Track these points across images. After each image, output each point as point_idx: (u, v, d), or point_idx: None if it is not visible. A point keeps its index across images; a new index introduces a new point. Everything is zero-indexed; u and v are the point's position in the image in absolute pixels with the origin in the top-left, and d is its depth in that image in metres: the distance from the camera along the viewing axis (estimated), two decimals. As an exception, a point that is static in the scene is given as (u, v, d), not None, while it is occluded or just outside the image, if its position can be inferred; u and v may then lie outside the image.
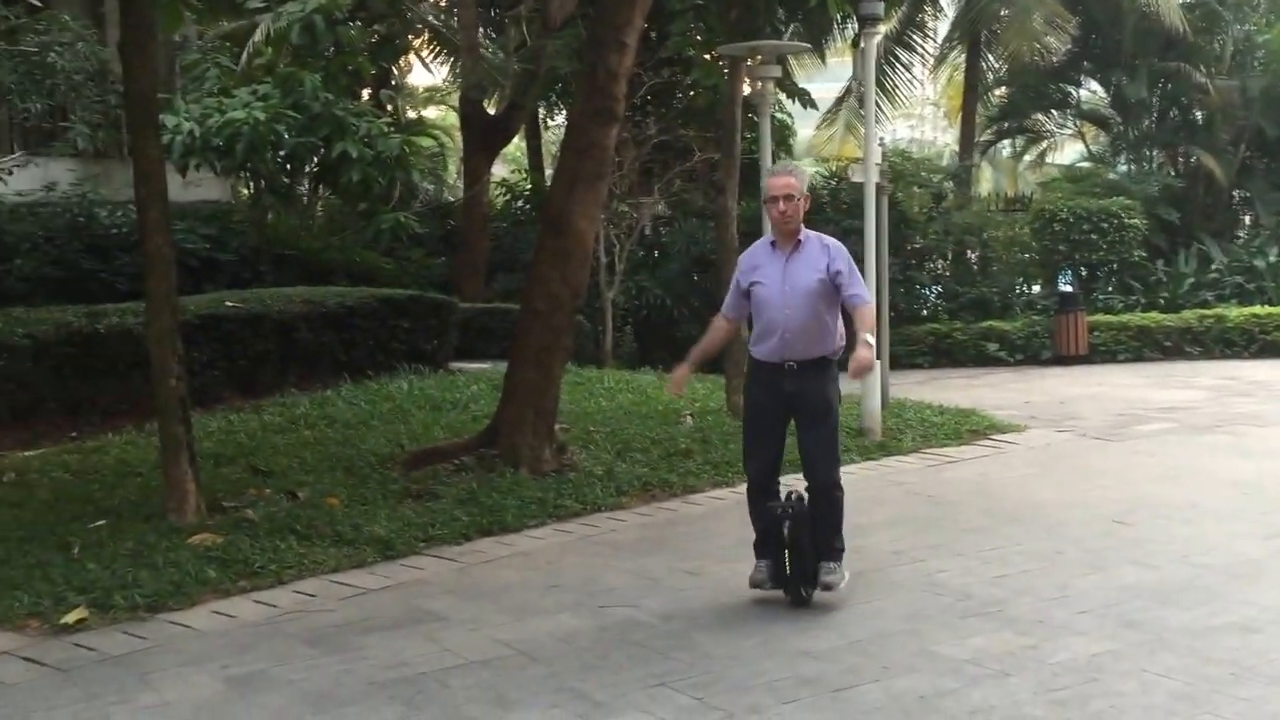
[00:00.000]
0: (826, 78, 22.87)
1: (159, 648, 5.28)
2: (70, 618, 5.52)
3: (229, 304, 11.42)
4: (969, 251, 19.93)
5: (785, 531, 5.59)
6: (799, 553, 5.61)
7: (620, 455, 8.86)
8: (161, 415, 7.38)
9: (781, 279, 5.61)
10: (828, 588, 5.66)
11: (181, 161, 12.95)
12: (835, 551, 5.74)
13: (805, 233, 5.69)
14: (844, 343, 5.72)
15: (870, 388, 9.92)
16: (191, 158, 13.22)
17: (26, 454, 9.12)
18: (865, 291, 5.72)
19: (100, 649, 5.25)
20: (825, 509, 5.69)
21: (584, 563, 6.61)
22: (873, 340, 5.50)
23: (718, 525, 7.31)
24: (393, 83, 21.14)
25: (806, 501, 5.70)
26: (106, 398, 10.22)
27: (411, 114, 23.81)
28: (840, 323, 5.73)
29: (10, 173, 11.80)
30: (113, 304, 11.01)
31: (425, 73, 26.30)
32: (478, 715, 4.48)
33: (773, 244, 5.75)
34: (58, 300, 11.33)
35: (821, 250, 5.64)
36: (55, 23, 11.98)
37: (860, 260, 10.03)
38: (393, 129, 14.65)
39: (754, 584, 5.72)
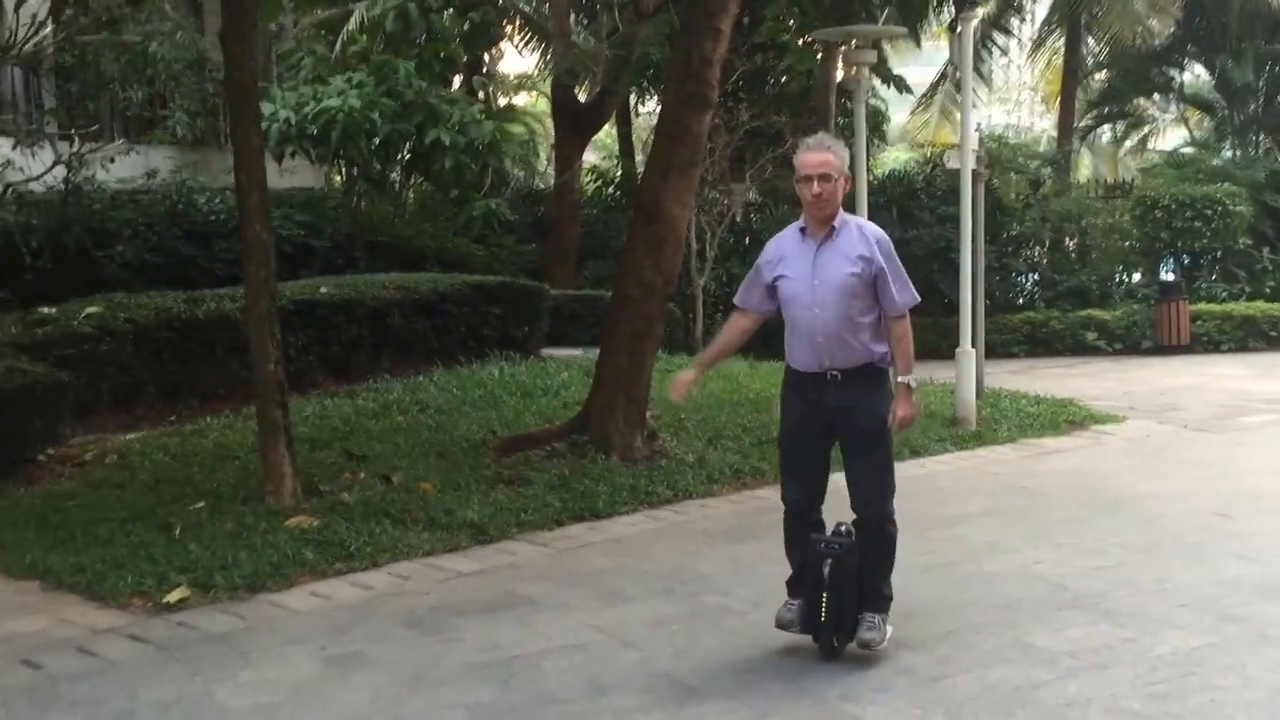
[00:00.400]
0: (921, 62, 22.57)
1: (258, 627, 5.39)
2: (172, 596, 5.65)
3: (323, 290, 11.58)
4: (1067, 239, 19.49)
5: (825, 572, 4.77)
6: (839, 598, 4.78)
7: (712, 443, 8.83)
8: (260, 399, 7.51)
9: (811, 272, 4.80)
10: (866, 645, 4.80)
11: (278, 149, 13.19)
12: (881, 600, 4.90)
13: (842, 217, 4.87)
14: (885, 349, 4.90)
15: (965, 377, 9.77)
16: (287, 145, 13.47)
17: (128, 436, 9.34)
18: (906, 294, 4.84)
19: (201, 627, 5.38)
20: (874, 548, 4.85)
21: (675, 549, 6.60)
22: (914, 382, 4.89)
23: (808, 514, 7.24)
24: (484, 70, 21.29)
25: (855, 538, 4.88)
26: (204, 382, 10.42)
27: (502, 101, 23.94)
28: (883, 324, 4.92)
29: (113, 160, 12.09)
30: (211, 289, 11.23)
31: (516, 59, 26.48)
32: (571, 698, 4.51)
33: (803, 230, 4.92)
34: (157, 286, 11.55)
35: (860, 239, 4.82)
36: (156, 12, 12.24)
37: (955, 248, 9.90)
38: (484, 116, 14.78)
39: (780, 624, 4.94)
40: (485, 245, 16.89)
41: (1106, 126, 25.93)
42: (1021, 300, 18.58)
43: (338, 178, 16.57)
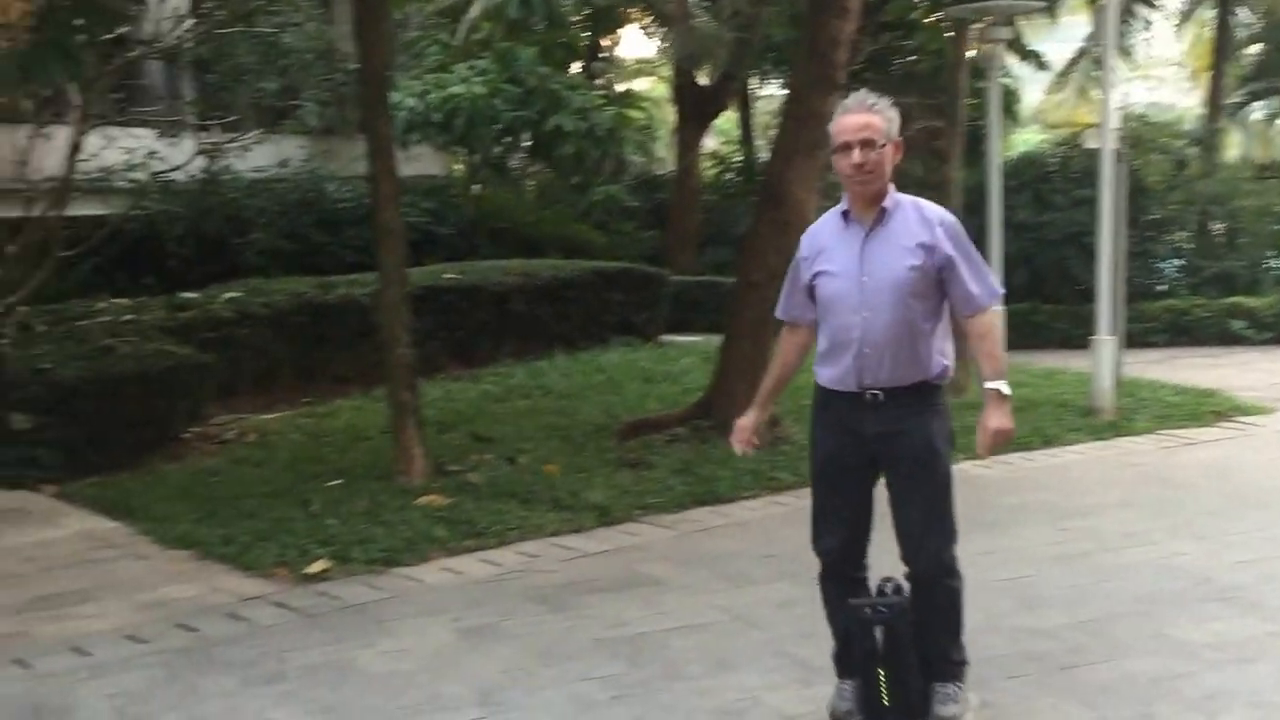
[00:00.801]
0: (1056, 38, 21.92)
1: (395, 599, 5.54)
2: (314, 568, 5.86)
3: (447, 276, 11.82)
4: (1213, 222, 18.73)
5: (878, 641, 3.87)
6: (900, 672, 3.86)
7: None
8: (391, 382, 7.70)
9: (858, 265, 3.82)
10: None
11: (403, 137, 13.46)
12: (953, 668, 3.99)
13: (894, 196, 3.86)
14: (951, 360, 3.92)
15: (1101, 365, 9.50)
16: (413, 133, 13.73)
17: (265, 416, 9.68)
18: (986, 286, 3.85)
19: (342, 597, 5.56)
20: (934, 608, 3.93)
21: (798, 534, 6.46)
22: (1007, 389, 3.80)
23: (936, 500, 7.13)
24: (603, 55, 21.40)
25: (908, 594, 3.95)
26: (335, 365, 10.74)
27: (621, 86, 24.04)
28: (947, 330, 3.93)
29: (248, 149, 12.49)
30: (340, 275, 11.53)
31: (634, 44, 26.49)
32: (698, 674, 4.54)
33: (845, 215, 3.91)
34: (291, 272, 11.94)
35: (920, 223, 3.82)
36: (287, 3, 12.60)
37: (1091, 232, 9.57)
38: (605, 102, 14.88)
39: (835, 716, 4.07)
40: (605, 231, 17.02)
41: (1259, 103, 24.83)
42: (1163, 287, 17.96)
43: (458, 165, 16.84)
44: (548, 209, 16.85)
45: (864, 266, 3.81)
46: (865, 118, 3.82)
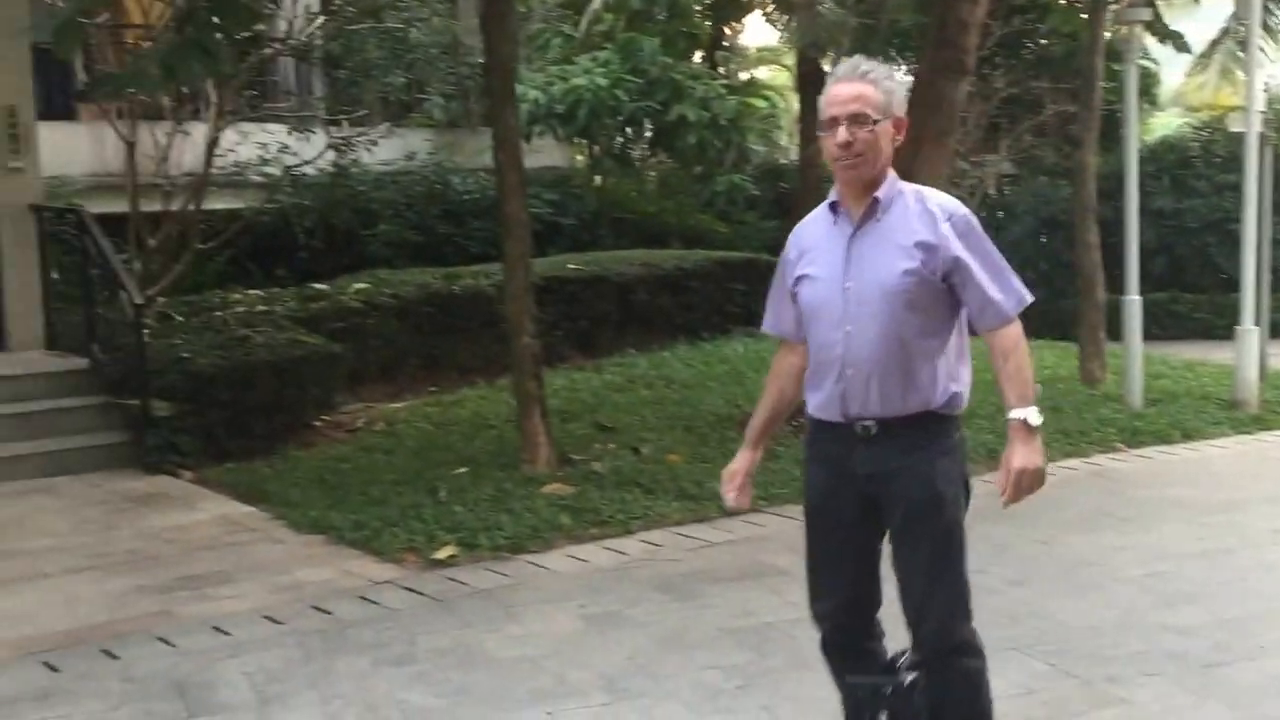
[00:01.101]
0: (1198, 18, 21.08)
1: (521, 585, 5.60)
2: (441, 554, 5.95)
3: (570, 267, 11.90)
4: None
5: None
6: None
7: (964, 422, 8.56)
8: (516, 371, 7.79)
9: (843, 268, 3.13)
10: None
11: (527, 129, 13.59)
12: None
13: (893, 185, 3.13)
14: (965, 387, 3.19)
15: (1245, 356, 9.14)
16: (536, 125, 13.86)
17: (393, 406, 9.85)
18: (1011, 293, 3.10)
19: (470, 583, 5.63)
20: (946, 691, 3.21)
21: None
22: (1036, 419, 3.04)
23: (1070, 495, 6.95)
24: (725, 44, 21.31)
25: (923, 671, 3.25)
26: (461, 355, 10.89)
27: (743, 75, 23.91)
28: (962, 348, 3.21)
29: (375, 143, 12.75)
30: (465, 266, 11.70)
31: (758, 33, 26.23)
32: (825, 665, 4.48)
33: (834, 207, 3.21)
34: (416, 263, 12.15)
35: (923, 217, 3.09)
36: (414, -1, 12.86)
37: (1235, 219, 9.21)
38: (727, 91, 14.82)
39: None
40: (728, 221, 16.95)
41: None
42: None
43: (580, 157, 16.94)
44: (670, 199, 16.84)
45: (849, 270, 3.12)
46: (857, 88, 3.08)
